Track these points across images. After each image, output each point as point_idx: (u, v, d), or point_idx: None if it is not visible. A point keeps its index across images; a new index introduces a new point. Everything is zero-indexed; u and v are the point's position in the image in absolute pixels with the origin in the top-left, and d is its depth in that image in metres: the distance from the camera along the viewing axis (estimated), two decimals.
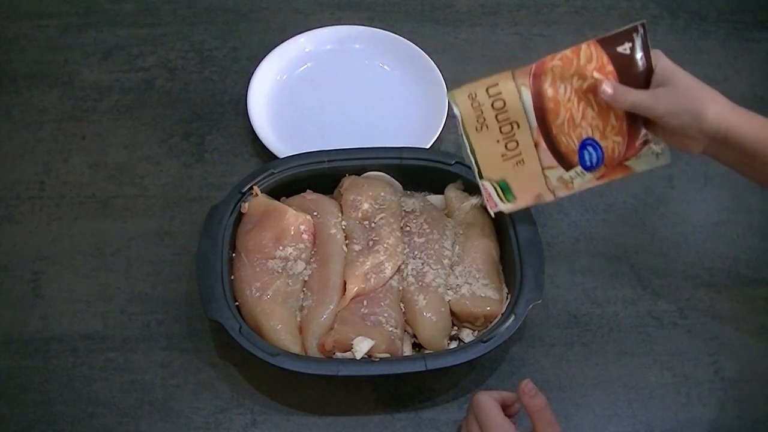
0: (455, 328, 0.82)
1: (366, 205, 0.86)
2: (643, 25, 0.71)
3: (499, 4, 1.17)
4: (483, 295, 0.81)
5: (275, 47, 1.06)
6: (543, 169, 0.78)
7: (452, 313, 0.81)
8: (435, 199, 0.91)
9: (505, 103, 0.74)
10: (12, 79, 1.05)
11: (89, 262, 0.89)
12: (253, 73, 1.02)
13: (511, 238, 0.83)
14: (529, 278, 0.80)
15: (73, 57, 1.08)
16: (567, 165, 0.77)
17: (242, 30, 1.12)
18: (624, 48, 0.72)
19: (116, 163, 0.98)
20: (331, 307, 0.80)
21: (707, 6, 1.19)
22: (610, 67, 0.72)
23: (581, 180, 0.78)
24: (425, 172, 0.90)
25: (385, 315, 0.79)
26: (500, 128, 0.76)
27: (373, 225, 0.85)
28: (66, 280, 0.88)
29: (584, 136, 0.75)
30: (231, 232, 0.84)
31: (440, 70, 1.03)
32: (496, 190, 0.79)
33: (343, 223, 0.87)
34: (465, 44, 1.12)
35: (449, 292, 0.82)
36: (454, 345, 0.80)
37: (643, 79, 0.73)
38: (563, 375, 0.83)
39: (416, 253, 0.84)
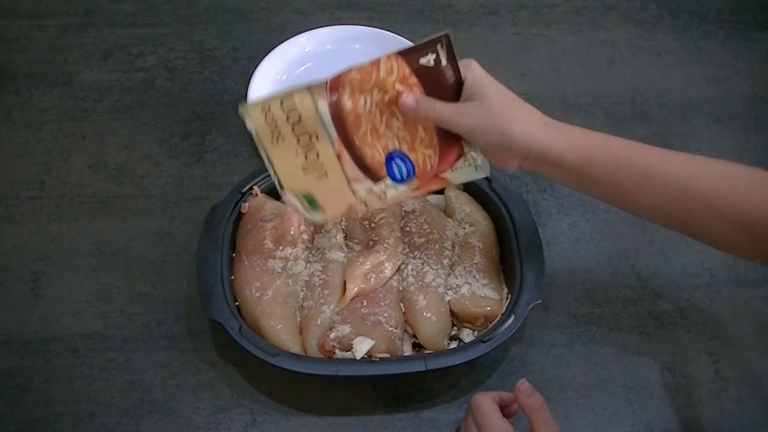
0: (455, 328, 0.82)
1: None
2: (446, 36, 0.66)
3: (499, 4, 1.18)
4: (483, 295, 0.81)
5: (275, 47, 1.06)
6: (349, 181, 0.74)
7: (452, 313, 0.81)
8: (435, 199, 0.91)
9: (300, 117, 0.70)
10: (12, 79, 1.05)
11: (89, 262, 0.89)
12: (253, 73, 1.02)
13: (511, 238, 0.84)
14: (529, 278, 0.80)
15: (73, 57, 1.08)
16: (374, 177, 0.74)
17: (242, 30, 1.12)
18: (427, 60, 0.67)
19: (116, 163, 0.98)
20: (331, 307, 0.80)
21: (707, 6, 1.19)
22: (413, 80, 0.68)
23: (395, 192, 0.75)
24: None
25: (385, 315, 0.79)
26: (298, 139, 0.72)
27: (373, 225, 0.86)
28: (66, 280, 0.88)
29: (390, 149, 0.72)
30: (231, 232, 0.84)
31: None
32: (301, 202, 0.76)
33: (343, 223, 0.87)
34: (465, 44, 1.12)
35: (449, 292, 0.82)
36: (454, 345, 0.80)
37: (453, 92, 0.69)
38: (563, 375, 0.83)
39: (416, 253, 0.84)
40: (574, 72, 1.10)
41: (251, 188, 0.86)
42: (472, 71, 0.69)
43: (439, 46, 0.66)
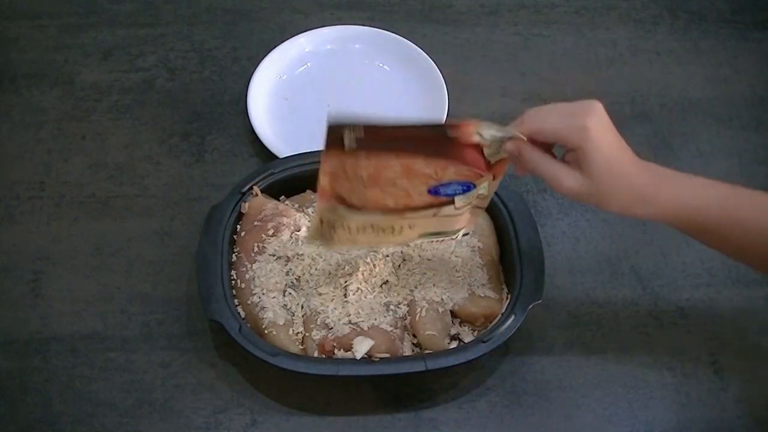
0: (455, 327, 0.82)
1: None
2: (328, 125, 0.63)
3: (499, 4, 1.17)
4: (483, 295, 0.81)
5: (275, 47, 1.06)
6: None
7: (452, 313, 0.81)
8: None
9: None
10: (12, 79, 1.05)
11: (89, 262, 0.89)
12: (253, 73, 1.02)
13: (511, 238, 0.83)
14: (529, 278, 0.80)
15: (73, 57, 1.08)
16: (438, 206, 0.71)
17: (242, 30, 1.12)
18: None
19: (116, 163, 0.98)
20: (332, 307, 0.79)
21: (707, 6, 1.19)
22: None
23: (484, 190, 0.72)
24: None
25: (385, 315, 0.79)
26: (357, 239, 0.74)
27: None
28: (66, 280, 0.88)
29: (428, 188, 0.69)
30: (231, 232, 0.84)
31: (440, 70, 1.03)
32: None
33: None
34: (465, 44, 1.12)
35: (449, 292, 0.81)
36: (454, 345, 0.80)
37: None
38: (563, 375, 0.83)
39: (416, 252, 0.84)
40: (574, 72, 1.10)
41: (251, 188, 0.86)
42: (587, 136, 0.64)
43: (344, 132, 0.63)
